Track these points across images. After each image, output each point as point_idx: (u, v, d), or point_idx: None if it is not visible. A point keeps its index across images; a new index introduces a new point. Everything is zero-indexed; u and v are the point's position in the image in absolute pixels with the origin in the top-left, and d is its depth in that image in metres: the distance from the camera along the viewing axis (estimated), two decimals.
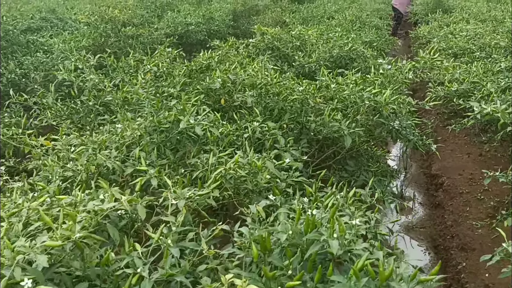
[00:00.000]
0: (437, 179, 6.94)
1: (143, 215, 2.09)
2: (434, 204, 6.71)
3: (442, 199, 6.49)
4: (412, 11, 13.30)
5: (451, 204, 6.22)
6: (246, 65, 5.46)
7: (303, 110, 3.95)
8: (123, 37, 7.74)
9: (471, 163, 7.05)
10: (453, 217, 5.94)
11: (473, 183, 6.51)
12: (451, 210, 6.10)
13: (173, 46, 8.62)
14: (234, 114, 3.97)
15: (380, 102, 3.47)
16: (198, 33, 9.20)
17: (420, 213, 6.66)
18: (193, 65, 4.61)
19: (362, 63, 6.69)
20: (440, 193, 6.69)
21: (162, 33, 8.25)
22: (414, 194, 6.97)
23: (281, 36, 6.80)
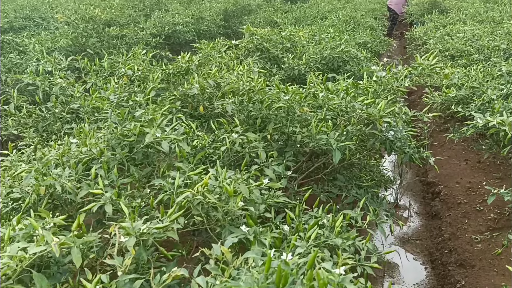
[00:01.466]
0: (433, 187, 6.53)
1: (78, 262, 1.67)
2: (430, 214, 6.29)
3: (439, 209, 6.08)
4: (407, 11, 12.90)
5: (448, 215, 5.81)
6: (232, 68, 5.07)
7: (288, 120, 3.53)
8: (106, 37, 7.29)
9: (469, 170, 6.64)
10: (450, 229, 5.54)
11: (471, 192, 6.11)
12: (449, 221, 5.70)
13: (159, 47, 8.25)
14: (213, 123, 3.55)
15: (373, 115, 3.06)
16: (187, 33, 8.76)
17: (416, 223, 6.22)
18: (171, 69, 4.17)
19: (356, 66, 6.28)
20: (437, 202, 6.28)
21: (147, 33, 7.80)
22: (409, 202, 6.54)
23: (270, 37, 6.38)
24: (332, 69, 6.35)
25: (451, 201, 6.04)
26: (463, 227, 5.42)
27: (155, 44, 7.86)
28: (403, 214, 6.26)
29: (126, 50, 7.52)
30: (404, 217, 6.22)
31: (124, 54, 4.43)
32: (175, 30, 8.47)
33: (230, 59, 6.53)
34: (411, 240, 5.79)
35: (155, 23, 8.46)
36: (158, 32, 8.25)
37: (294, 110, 3.51)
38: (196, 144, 3.16)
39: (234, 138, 3.22)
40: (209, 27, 9.44)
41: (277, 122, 3.61)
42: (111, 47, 7.42)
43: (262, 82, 4.14)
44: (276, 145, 3.61)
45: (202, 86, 3.78)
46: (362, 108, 3.12)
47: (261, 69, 6.24)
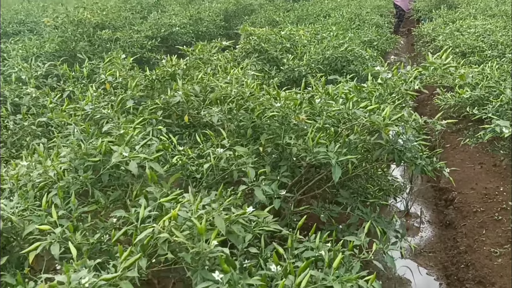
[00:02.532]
0: (446, 193, 6.02)
1: None
2: (444, 223, 5.77)
3: (453, 218, 5.58)
4: (414, 7, 12.36)
5: (463, 225, 5.31)
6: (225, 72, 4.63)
7: (283, 130, 3.07)
8: (98, 41, 6.88)
9: (484, 175, 6.11)
10: (466, 240, 5.04)
11: (488, 199, 5.61)
12: (464, 232, 5.20)
13: (155, 50, 7.83)
14: (198, 135, 3.11)
15: (377, 123, 2.60)
16: (184, 35, 8.33)
17: (428, 233, 5.70)
18: (155, 74, 3.73)
19: (360, 65, 5.81)
20: (451, 210, 5.77)
21: (142, 35, 7.38)
22: (421, 210, 6.01)
23: (269, 37, 5.92)
24: (335, 69, 5.88)
25: (466, 209, 5.54)
26: (481, 238, 4.93)
27: (151, 47, 7.44)
28: (414, 223, 5.77)
29: None
30: (415, 226, 5.73)
31: (105, 59, 4.01)
32: (172, 32, 8.04)
33: (227, 61, 6.09)
34: (424, 252, 5.29)
35: (151, 25, 8.04)
36: (154, 35, 7.83)
37: (289, 118, 3.06)
38: (175, 161, 2.72)
39: (220, 153, 2.78)
40: (208, 28, 9.00)
41: (270, 133, 3.15)
42: (104, 51, 7.01)
43: (255, 87, 3.69)
44: (270, 158, 3.15)
45: (187, 93, 3.33)
46: (364, 116, 2.65)
47: (260, 72, 5.80)
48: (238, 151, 2.89)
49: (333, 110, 2.83)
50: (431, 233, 5.60)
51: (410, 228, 5.59)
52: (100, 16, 6.97)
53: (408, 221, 5.74)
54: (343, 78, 5.83)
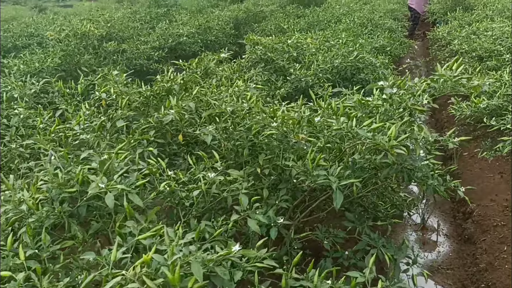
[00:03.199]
0: (465, 205, 5.68)
1: None
2: (462, 237, 5.43)
3: (472, 232, 5.25)
4: (429, 10, 11.98)
5: (483, 240, 4.98)
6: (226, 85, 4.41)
7: (281, 150, 2.83)
8: (104, 53, 6.73)
9: (504, 185, 5.75)
10: (487, 257, 4.71)
11: (509, 212, 5.28)
12: (484, 247, 4.87)
13: (162, 61, 7.65)
14: (190, 156, 2.88)
15: (382, 144, 2.33)
16: (193, 45, 8.14)
17: (445, 248, 5.35)
18: (150, 91, 3.52)
19: (371, 73, 5.53)
20: (470, 224, 5.43)
21: (149, 46, 7.21)
22: (438, 223, 5.67)
23: (275, 46, 5.69)
24: (345, 78, 5.61)
25: (486, 222, 5.21)
26: (502, 255, 4.60)
27: (157, 58, 7.27)
28: (431, 237, 5.44)
29: (126, 66, 6.95)
30: (432, 240, 5.40)
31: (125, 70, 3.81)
32: (180, 42, 7.85)
33: (233, 71, 5.87)
34: (441, 269, 4.95)
35: (158, 35, 7.87)
36: (161, 45, 7.65)
37: (288, 137, 2.81)
38: (163, 188, 2.50)
39: (212, 178, 2.55)
40: (217, 37, 8.80)
41: (268, 153, 2.91)
42: (110, 64, 6.85)
43: (255, 103, 3.45)
44: (269, 180, 2.91)
45: (179, 111, 3.11)
46: (367, 136, 2.39)
47: (266, 82, 5.56)
48: (232, 175, 2.65)
49: (334, 129, 2.57)
50: (448, 248, 5.27)
51: (426, 242, 5.27)
52: (105, 28, 6.81)
53: (424, 235, 5.43)
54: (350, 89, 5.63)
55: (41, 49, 7.35)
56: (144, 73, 7.07)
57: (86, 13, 8.52)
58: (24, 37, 8.54)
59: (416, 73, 11.06)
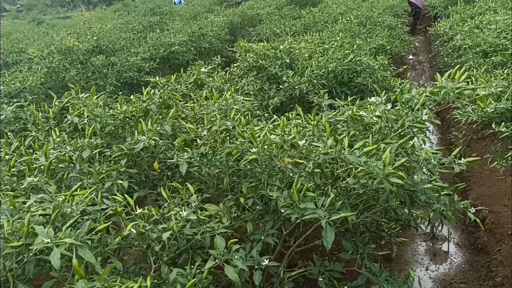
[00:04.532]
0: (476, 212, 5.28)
1: None
2: (475, 247, 5.03)
3: (485, 242, 4.86)
4: (430, 3, 11.55)
5: (498, 250, 4.60)
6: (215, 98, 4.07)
7: (266, 176, 2.47)
8: (92, 67, 6.41)
9: None
10: (503, 270, 4.34)
11: None
12: (499, 259, 4.49)
13: (153, 72, 7.32)
14: (164, 188, 2.53)
15: (375, 173, 1.97)
16: (186, 53, 7.80)
17: (458, 259, 4.95)
18: (124, 113, 3.18)
19: (369, 77, 5.16)
20: (482, 232, 5.03)
21: (138, 58, 6.88)
22: (448, 231, 5.27)
23: (267, 52, 5.33)
24: (342, 83, 5.24)
25: (500, 230, 4.82)
26: None
27: (149, 69, 6.94)
28: (442, 247, 5.04)
29: (116, 79, 6.63)
30: (443, 250, 5.01)
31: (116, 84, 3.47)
32: (172, 51, 7.52)
33: (224, 81, 5.53)
34: (454, 283, 4.57)
35: (149, 46, 7.54)
36: (152, 56, 7.32)
37: (273, 162, 2.46)
38: (127, 233, 2.16)
39: (184, 217, 2.20)
40: (211, 44, 8.46)
41: (252, 180, 2.56)
42: (100, 78, 6.54)
43: (239, 121, 3.10)
44: (254, 210, 2.56)
45: (154, 136, 2.77)
46: (359, 163, 2.03)
47: (258, 91, 5.21)
48: (209, 210, 2.31)
49: (321, 153, 2.21)
50: (461, 258, 4.88)
51: (437, 253, 4.90)
52: (91, 41, 6.49)
53: (434, 245, 5.05)
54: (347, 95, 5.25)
55: (30, 65, 7.06)
56: (135, 86, 6.75)
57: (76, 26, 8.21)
58: (15, 54, 8.26)
59: (419, 70, 10.65)
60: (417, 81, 9.14)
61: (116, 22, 9.21)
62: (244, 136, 2.41)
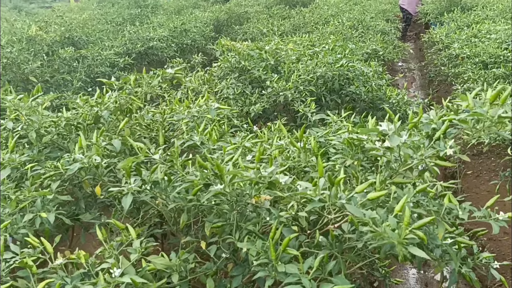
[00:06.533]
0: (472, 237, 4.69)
1: None
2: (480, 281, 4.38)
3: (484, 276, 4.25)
4: (422, 10, 11.00)
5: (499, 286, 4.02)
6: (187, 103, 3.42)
7: (235, 217, 1.83)
8: (58, 60, 5.68)
9: None
10: None
11: None
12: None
13: (128, 68, 6.62)
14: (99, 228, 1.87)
15: (387, 237, 1.34)
16: (166, 49, 7.10)
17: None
18: (67, 120, 2.51)
19: (362, 85, 4.53)
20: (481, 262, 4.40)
21: (112, 52, 6.16)
22: None
23: (251, 52, 4.67)
24: (332, 90, 4.61)
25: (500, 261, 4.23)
26: None
27: (123, 65, 6.23)
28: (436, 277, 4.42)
29: (86, 74, 5.91)
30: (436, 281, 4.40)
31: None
32: (150, 47, 6.81)
33: (202, 82, 4.86)
34: None
35: (126, 40, 6.82)
36: (128, 50, 6.61)
37: (245, 200, 1.82)
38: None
39: (115, 278, 1.55)
40: (194, 40, 7.77)
41: (217, 220, 1.92)
42: (70, 72, 5.82)
43: (209, 135, 2.45)
44: (217, 259, 1.91)
45: (98, 153, 2.10)
46: (362, 219, 1.40)
47: (239, 95, 4.56)
48: (154, 264, 1.66)
49: (310, 199, 1.57)
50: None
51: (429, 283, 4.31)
52: (57, 32, 5.76)
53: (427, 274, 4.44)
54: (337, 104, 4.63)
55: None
56: None
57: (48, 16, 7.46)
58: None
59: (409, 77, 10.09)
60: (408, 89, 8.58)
61: (93, 12, 8.47)
62: (207, 167, 1.75)
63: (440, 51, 7.37)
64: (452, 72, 6.14)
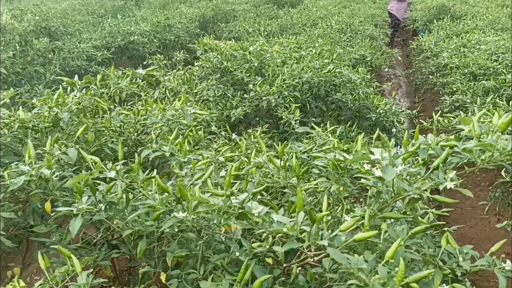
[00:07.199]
0: None
1: None
2: None
3: None
4: (410, 17, 10.84)
5: None
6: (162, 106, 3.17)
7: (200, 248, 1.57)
8: (32, 52, 5.34)
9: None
10: None
11: None
12: None
13: (106, 62, 6.30)
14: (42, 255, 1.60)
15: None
16: (148, 44, 6.79)
17: None
18: (21, 122, 2.21)
19: (349, 93, 4.30)
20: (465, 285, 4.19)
21: (89, 45, 5.83)
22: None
23: (234, 53, 4.41)
24: (317, 96, 4.37)
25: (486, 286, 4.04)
26: None
27: (101, 59, 5.91)
28: None
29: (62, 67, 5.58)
30: None
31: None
32: (130, 41, 6.49)
33: (182, 82, 4.59)
34: None
35: (106, 33, 6.49)
36: (108, 44, 6.28)
37: (211, 228, 1.56)
38: None
39: None
40: (178, 37, 7.46)
41: (182, 247, 1.66)
42: (44, 64, 5.48)
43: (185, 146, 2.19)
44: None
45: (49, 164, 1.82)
46: (348, 269, 1.16)
47: (220, 98, 4.29)
48: None
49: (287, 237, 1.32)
50: None
51: None
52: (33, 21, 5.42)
53: None
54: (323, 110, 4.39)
55: None
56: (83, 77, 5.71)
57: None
58: None
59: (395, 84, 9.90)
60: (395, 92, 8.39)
61: (73, 2, 8.10)
62: (168, 191, 1.49)
63: (428, 59, 7.18)
64: (440, 82, 5.95)
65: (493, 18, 7.69)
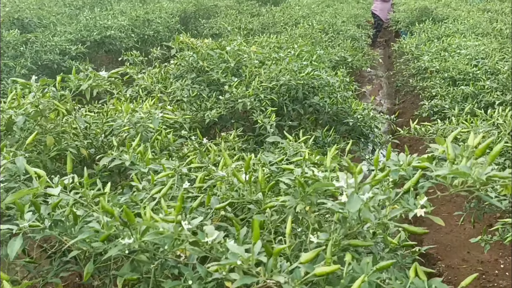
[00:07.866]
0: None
1: None
2: None
3: None
4: (393, 18, 10.79)
5: None
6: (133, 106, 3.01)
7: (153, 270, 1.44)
8: (1, 44, 5.11)
9: None
10: None
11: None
12: None
13: (81, 57, 6.09)
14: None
15: None
16: (125, 39, 6.58)
17: None
18: None
19: (328, 96, 4.19)
20: None
21: (63, 39, 5.61)
22: None
23: (211, 52, 4.25)
24: (295, 99, 4.24)
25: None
26: None
27: (75, 53, 5.70)
28: None
29: (33, 61, 5.36)
30: None
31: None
32: (107, 36, 6.28)
33: (156, 81, 4.41)
34: None
35: (82, 26, 6.26)
36: (83, 38, 6.07)
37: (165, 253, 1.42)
38: None
39: None
40: (157, 32, 7.26)
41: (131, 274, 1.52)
42: (15, 58, 5.26)
43: (147, 154, 2.04)
44: None
45: None
46: None
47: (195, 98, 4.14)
48: None
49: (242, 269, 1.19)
50: None
51: None
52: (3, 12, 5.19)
53: None
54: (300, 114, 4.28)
55: None
56: (56, 72, 5.49)
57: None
58: None
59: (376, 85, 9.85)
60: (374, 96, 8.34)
61: None
62: (114, 215, 1.34)
63: (409, 61, 7.12)
64: (420, 85, 5.89)
65: (474, 22, 7.66)
